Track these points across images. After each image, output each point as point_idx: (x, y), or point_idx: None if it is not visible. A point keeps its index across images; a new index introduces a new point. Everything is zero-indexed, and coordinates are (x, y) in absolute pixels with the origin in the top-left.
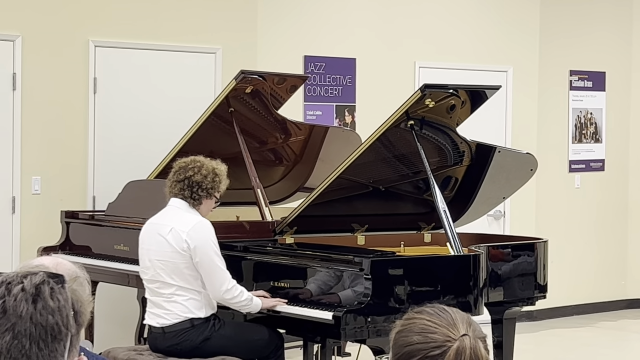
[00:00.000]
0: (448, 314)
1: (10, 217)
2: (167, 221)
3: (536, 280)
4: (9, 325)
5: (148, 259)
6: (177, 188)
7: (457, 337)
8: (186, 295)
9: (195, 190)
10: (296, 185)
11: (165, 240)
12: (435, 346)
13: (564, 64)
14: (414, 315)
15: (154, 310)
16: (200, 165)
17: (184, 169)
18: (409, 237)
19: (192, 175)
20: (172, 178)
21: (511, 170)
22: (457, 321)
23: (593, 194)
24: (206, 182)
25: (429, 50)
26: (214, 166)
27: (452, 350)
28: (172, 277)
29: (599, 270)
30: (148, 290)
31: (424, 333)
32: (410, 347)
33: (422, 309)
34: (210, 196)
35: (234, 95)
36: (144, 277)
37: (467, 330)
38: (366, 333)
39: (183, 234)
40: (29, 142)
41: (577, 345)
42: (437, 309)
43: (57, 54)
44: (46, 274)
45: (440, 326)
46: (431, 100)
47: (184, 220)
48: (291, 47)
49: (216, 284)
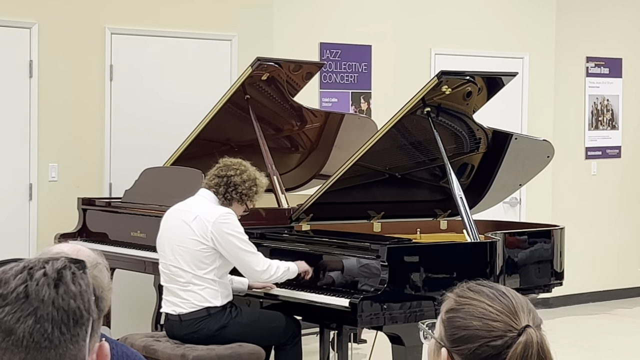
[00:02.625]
0: (508, 299)
1: (27, 204)
2: (193, 209)
3: (553, 267)
4: (31, 309)
5: (168, 244)
6: (213, 182)
7: (520, 327)
8: (202, 285)
9: (229, 191)
10: (312, 173)
11: (189, 227)
12: (496, 335)
13: (580, 51)
14: (470, 295)
15: (170, 298)
16: (244, 169)
17: (227, 167)
18: (425, 224)
19: (232, 175)
20: (213, 172)
21: (527, 157)
22: (518, 308)
23: (609, 181)
24: (244, 186)
25: (444, 37)
26: (256, 176)
27: (519, 345)
28: (189, 264)
29: (614, 257)
30: (164, 276)
31: (484, 319)
32: (468, 332)
33: (479, 289)
34: (242, 202)
35: (250, 83)
36: (162, 261)
37: (528, 319)
38: (382, 320)
39: (208, 224)
40: (45, 129)
41: (593, 332)
42: (495, 291)
43: (74, 41)
44: (68, 259)
45: (501, 313)
46: (448, 87)
47: (210, 210)
48: (307, 34)
49: (251, 268)
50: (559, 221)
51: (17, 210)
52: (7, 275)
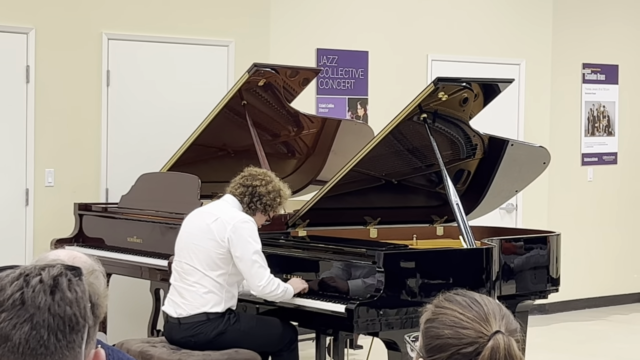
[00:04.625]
0: (480, 306)
1: (23, 209)
2: (215, 211)
3: (549, 273)
4: (27, 316)
5: (185, 243)
6: (239, 191)
7: (490, 333)
8: (207, 287)
9: (254, 201)
10: (308, 178)
11: (208, 226)
12: (467, 343)
13: (576, 57)
14: (444, 305)
15: (174, 298)
16: (270, 180)
17: (253, 177)
18: (422, 230)
19: (258, 185)
20: (238, 181)
21: (524, 163)
22: (490, 314)
23: (605, 187)
24: (268, 197)
25: (441, 43)
26: (280, 187)
27: (487, 350)
28: (202, 264)
29: (611, 264)
30: (175, 273)
31: (455, 327)
32: (441, 341)
33: (453, 298)
34: (265, 212)
35: (247, 88)
36: (176, 258)
37: (499, 325)
38: (378, 326)
39: (228, 225)
40: (42, 134)
41: (589, 338)
42: (468, 299)
43: (71, 46)
44: (64, 266)
45: (472, 321)
46: (444, 94)
47: (232, 214)
48: (304, 40)
49: (255, 279)
50: (555, 227)
51: (13, 215)
52: (4, 282)
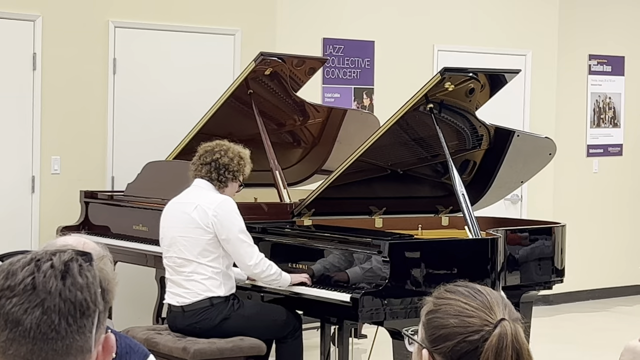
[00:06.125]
0: (483, 296)
1: (30, 196)
2: (192, 199)
3: (553, 264)
4: (38, 300)
5: (170, 237)
6: (204, 170)
7: (495, 321)
8: (205, 274)
9: (222, 173)
10: (314, 168)
11: (190, 216)
12: (473, 330)
13: (583, 48)
14: (447, 295)
15: (174, 290)
16: (227, 148)
17: (211, 152)
18: (427, 220)
19: (219, 158)
20: (198, 161)
21: (529, 154)
22: (493, 303)
23: (611, 179)
24: (233, 164)
25: (448, 33)
26: (239, 150)
27: (494, 337)
28: (193, 254)
29: (615, 255)
30: (168, 269)
31: (460, 316)
32: (446, 330)
33: (455, 289)
34: (235, 179)
35: (253, 77)
36: (165, 255)
37: (503, 313)
38: (383, 315)
39: (209, 211)
40: (48, 122)
41: (592, 329)
42: (470, 290)
43: (77, 34)
44: (75, 251)
45: (477, 309)
46: (450, 84)
47: (209, 198)
48: (310, 30)
49: (244, 258)
50: (560, 218)
51: (19, 202)
52: (15, 267)
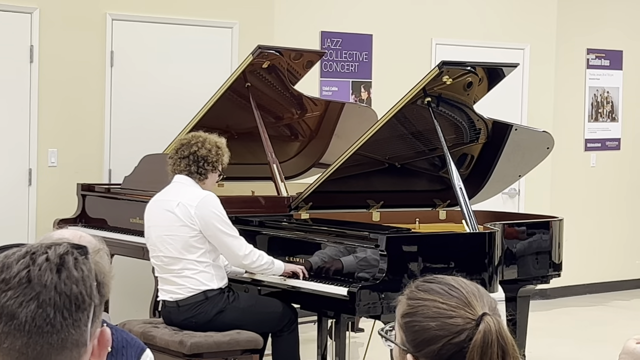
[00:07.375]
0: (458, 291)
1: (26, 189)
2: (173, 196)
3: (551, 258)
4: (33, 294)
5: (156, 236)
6: (182, 164)
7: (477, 316)
8: (196, 269)
9: (201, 165)
10: (312, 161)
11: (173, 214)
12: (456, 332)
13: (581, 42)
14: (421, 296)
15: (166, 287)
16: (203, 139)
17: (187, 145)
18: (424, 214)
19: (196, 150)
20: (176, 155)
21: (527, 148)
22: (471, 297)
23: (608, 173)
24: (211, 155)
25: (446, 27)
26: (215, 140)
27: (479, 334)
28: (180, 251)
29: (612, 249)
30: (157, 267)
31: (440, 318)
32: (428, 334)
33: (428, 287)
34: (215, 169)
35: (251, 70)
36: (153, 254)
37: (482, 306)
38: (380, 309)
39: (191, 208)
40: (45, 114)
41: (590, 323)
42: (444, 286)
43: (75, 27)
44: (70, 245)
45: (456, 308)
46: (448, 77)
47: (191, 194)
48: (308, 23)
49: (233, 252)
50: (558, 212)
51: (16, 195)
52: (10, 260)
